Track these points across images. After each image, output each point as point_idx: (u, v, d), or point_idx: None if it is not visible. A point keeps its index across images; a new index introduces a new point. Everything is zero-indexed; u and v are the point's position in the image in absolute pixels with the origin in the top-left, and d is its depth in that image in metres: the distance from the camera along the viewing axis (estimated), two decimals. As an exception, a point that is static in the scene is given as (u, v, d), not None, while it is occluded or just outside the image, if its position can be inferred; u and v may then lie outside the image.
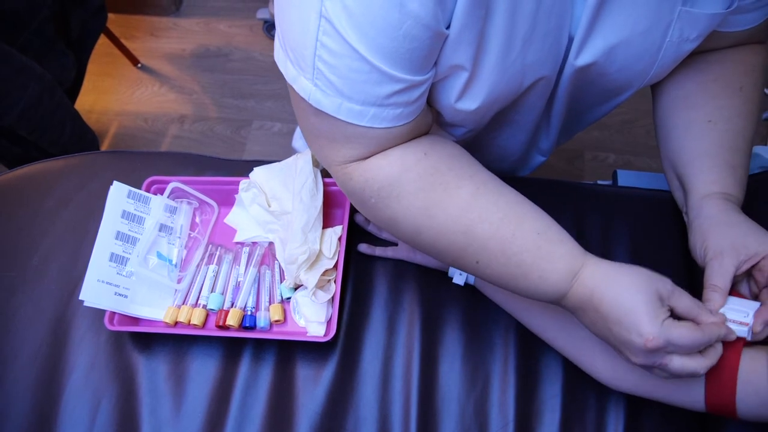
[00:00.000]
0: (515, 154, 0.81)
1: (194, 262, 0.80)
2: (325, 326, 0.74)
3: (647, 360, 0.51)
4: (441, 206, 0.56)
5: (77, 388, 0.76)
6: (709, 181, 0.63)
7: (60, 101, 1.45)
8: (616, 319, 0.51)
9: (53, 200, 0.88)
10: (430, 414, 0.72)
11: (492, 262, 0.56)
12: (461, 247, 0.57)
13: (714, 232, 0.60)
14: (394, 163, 0.56)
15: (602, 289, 0.53)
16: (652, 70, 0.60)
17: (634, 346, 0.50)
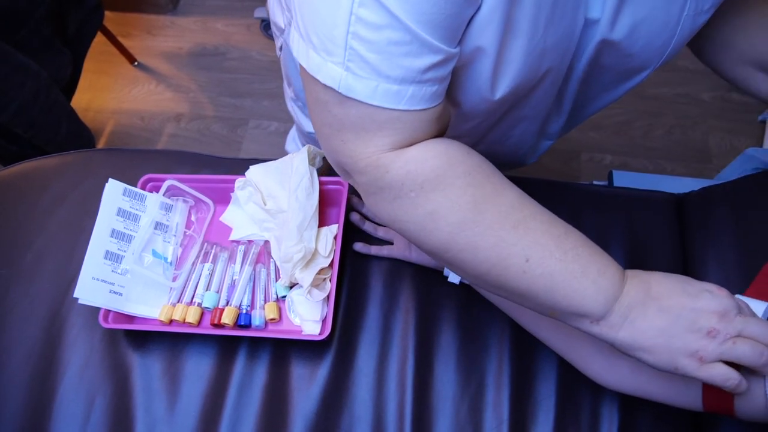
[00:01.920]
0: (526, 145, 0.81)
1: (189, 260, 0.80)
2: (320, 325, 0.74)
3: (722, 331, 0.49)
4: (491, 202, 0.53)
5: (71, 386, 0.76)
6: None
7: (56, 99, 1.44)
8: (681, 291, 0.51)
9: (48, 198, 0.88)
10: (425, 413, 0.72)
11: (546, 259, 0.51)
12: (511, 243, 0.52)
13: None
14: (440, 156, 0.53)
15: (659, 277, 0.52)
16: (670, 46, 0.60)
17: (708, 310, 0.49)
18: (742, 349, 0.49)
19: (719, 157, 1.75)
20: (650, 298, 0.51)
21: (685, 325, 0.50)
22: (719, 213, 0.80)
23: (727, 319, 0.49)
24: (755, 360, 0.49)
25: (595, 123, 1.82)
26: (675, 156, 1.76)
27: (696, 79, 1.88)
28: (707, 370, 0.49)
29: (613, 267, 0.52)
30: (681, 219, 0.83)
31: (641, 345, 0.51)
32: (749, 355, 0.49)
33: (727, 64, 0.69)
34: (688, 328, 0.49)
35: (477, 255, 0.53)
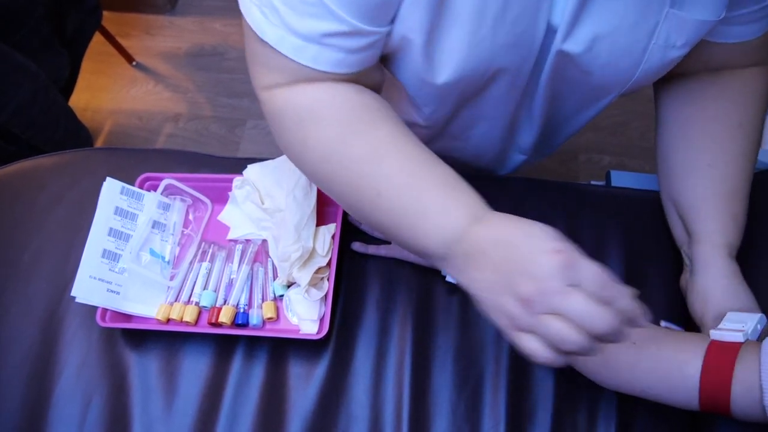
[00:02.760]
0: (491, 151, 0.81)
1: (187, 259, 0.80)
2: (317, 324, 0.74)
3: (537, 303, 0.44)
4: (359, 136, 0.55)
5: (68, 385, 0.76)
6: (715, 233, 0.67)
7: (54, 99, 1.44)
8: (524, 236, 0.47)
9: (46, 196, 0.88)
10: (422, 412, 0.72)
11: (395, 195, 0.53)
12: (369, 176, 0.54)
13: (715, 301, 0.65)
14: (322, 90, 0.56)
15: (507, 229, 0.49)
16: (637, 72, 0.59)
17: (532, 276, 0.44)
18: (549, 327, 0.44)
19: (717, 158, 1.75)
20: (490, 249, 0.48)
21: (506, 287, 0.46)
22: (716, 213, 0.80)
23: (548, 292, 0.43)
24: (559, 344, 0.44)
25: (592, 124, 1.81)
26: (672, 157, 1.76)
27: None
28: (518, 338, 0.46)
29: (462, 209, 0.52)
30: (678, 219, 0.84)
31: (473, 293, 0.50)
32: (553, 337, 0.43)
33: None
34: (508, 291, 0.46)
35: (337, 187, 0.57)
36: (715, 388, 0.54)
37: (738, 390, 0.53)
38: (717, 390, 0.54)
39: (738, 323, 0.60)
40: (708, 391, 0.55)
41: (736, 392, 0.53)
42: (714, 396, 0.55)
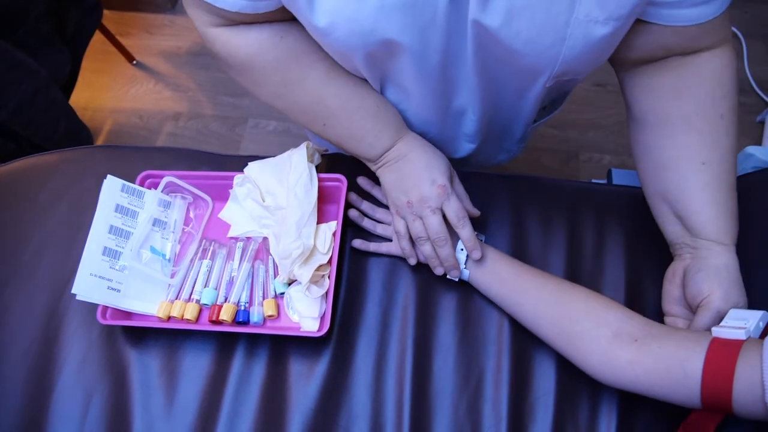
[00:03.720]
0: (435, 135, 0.80)
1: (188, 256, 0.80)
2: (318, 321, 0.74)
3: (414, 208, 0.71)
4: (297, 82, 0.67)
5: (69, 382, 0.76)
6: (720, 230, 0.68)
7: (54, 98, 1.44)
8: (422, 165, 0.71)
9: (46, 194, 0.88)
10: (423, 410, 0.72)
11: (338, 127, 0.71)
12: (314, 112, 0.70)
13: (720, 289, 0.65)
14: (251, 45, 0.64)
15: (421, 146, 0.73)
16: (562, 49, 0.58)
17: (423, 190, 0.70)
18: (414, 223, 0.72)
19: (717, 157, 1.75)
20: (401, 161, 0.72)
21: (402, 189, 0.72)
22: (717, 211, 0.80)
23: (423, 206, 0.70)
24: (415, 236, 0.73)
25: (593, 123, 1.82)
26: (673, 156, 1.76)
27: (694, 79, 1.88)
28: (396, 220, 0.74)
29: (388, 131, 0.72)
30: (679, 217, 0.84)
31: (384, 186, 0.75)
32: (413, 230, 0.72)
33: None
34: (402, 191, 0.72)
35: (292, 116, 0.73)
36: (717, 385, 0.54)
37: (740, 387, 0.53)
38: (719, 387, 0.54)
39: (740, 320, 0.60)
40: (710, 388, 0.55)
41: (738, 389, 0.53)
42: (716, 393, 0.55)
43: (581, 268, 0.80)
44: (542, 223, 0.82)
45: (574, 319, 0.65)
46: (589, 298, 0.67)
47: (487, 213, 0.83)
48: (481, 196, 0.84)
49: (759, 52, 1.90)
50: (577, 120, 1.84)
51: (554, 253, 0.81)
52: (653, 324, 0.63)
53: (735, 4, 1.96)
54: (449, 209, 0.70)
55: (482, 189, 0.85)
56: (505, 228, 0.82)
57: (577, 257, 0.80)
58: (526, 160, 1.79)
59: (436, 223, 0.70)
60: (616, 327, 0.63)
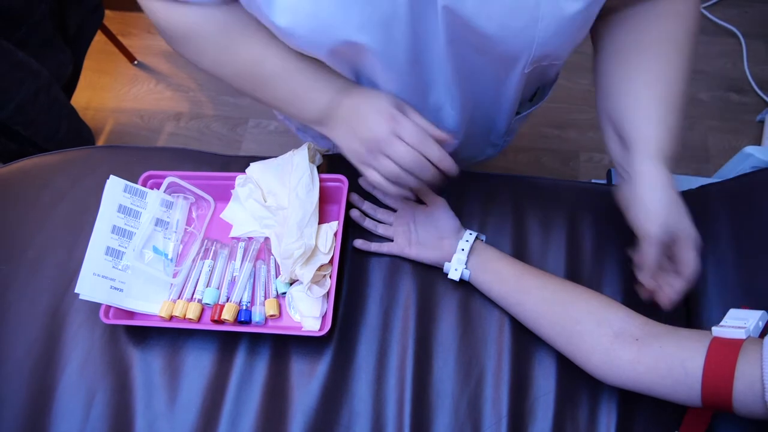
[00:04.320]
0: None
1: (190, 256, 0.81)
2: (320, 321, 0.74)
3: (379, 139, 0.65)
4: (239, 47, 0.67)
5: (72, 381, 0.76)
6: (652, 140, 0.65)
7: (56, 97, 1.44)
8: (368, 106, 0.66)
9: (49, 194, 0.88)
10: (424, 409, 0.72)
11: (279, 86, 0.69)
12: (256, 74, 0.69)
13: (656, 212, 0.63)
14: (193, 15, 0.65)
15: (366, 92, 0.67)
16: (536, 32, 0.57)
17: (373, 124, 0.65)
18: (381, 164, 0.66)
19: (718, 156, 1.76)
20: (346, 112, 0.68)
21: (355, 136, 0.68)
22: (717, 211, 0.81)
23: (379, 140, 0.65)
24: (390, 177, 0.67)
25: (593, 123, 1.83)
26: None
27: (694, 79, 1.88)
28: (365, 170, 0.69)
29: (328, 88, 0.68)
30: (679, 217, 0.84)
31: (337, 143, 0.71)
32: (384, 171, 0.67)
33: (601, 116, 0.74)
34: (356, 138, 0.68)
35: (234, 83, 0.72)
36: (717, 384, 0.55)
37: (740, 386, 0.53)
38: (719, 386, 0.54)
39: (740, 320, 0.60)
40: (710, 387, 0.55)
41: (738, 388, 0.53)
42: (716, 392, 0.55)
43: (581, 268, 0.80)
44: (542, 223, 0.83)
45: (575, 318, 0.66)
46: (590, 297, 0.67)
47: (488, 213, 0.84)
48: (482, 196, 0.85)
49: (759, 52, 1.91)
50: (578, 120, 1.84)
51: (554, 252, 0.81)
52: (654, 323, 0.63)
53: (735, 4, 1.97)
54: (405, 134, 0.65)
55: (482, 189, 0.86)
56: (505, 228, 0.83)
57: (577, 257, 0.81)
58: (526, 161, 1.79)
59: (402, 150, 0.65)
60: (617, 327, 0.63)
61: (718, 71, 1.89)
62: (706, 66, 1.90)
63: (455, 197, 0.81)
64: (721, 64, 1.90)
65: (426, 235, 0.78)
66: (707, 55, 1.92)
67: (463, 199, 0.84)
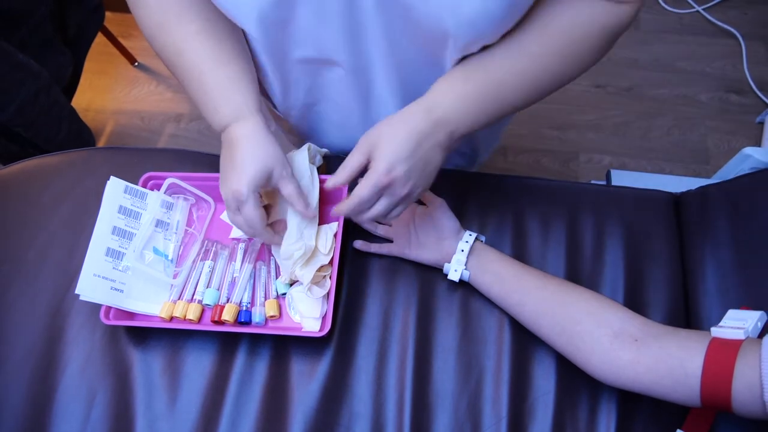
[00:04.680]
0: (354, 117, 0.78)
1: (190, 257, 0.81)
2: (320, 322, 0.75)
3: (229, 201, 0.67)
4: (172, 28, 0.67)
5: (72, 382, 0.76)
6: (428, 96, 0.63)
7: (56, 99, 1.45)
8: (238, 166, 0.65)
9: (49, 195, 0.89)
10: (424, 409, 0.73)
11: (190, 84, 0.68)
12: (174, 62, 0.68)
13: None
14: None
15: (246, 139, 0.66)
16: (460, 8, 0.54)
17: (225, 190, 0.67)
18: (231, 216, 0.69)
19: (717, 158, 1.76)
20: (227, 145, 0.68)
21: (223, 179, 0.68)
22: (716, 211, 0.81)
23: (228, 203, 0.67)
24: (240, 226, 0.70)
25: (593, 124, 1.83)
26: (673, 157, 1.76)
27: (694, 80, 1.89)
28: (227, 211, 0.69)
29: (228, 108, 0.67)
30: (678, 217, 0.84)
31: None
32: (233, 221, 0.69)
33: None
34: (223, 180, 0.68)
35: (163, 61, 0.71)
36: (716, 384, 0.55)
37: (739, 386, 0.53)
38: (718, 386, 0.55)
39: (739, 320, 0.60)
40: (709, 387, 0.55)
41: (737, 388, 0.54)
42: (715, 392, 0.55)
43: (581, 269, 0.80)
44: (542, 224, 0.83)
45: (575, 319, 0.66)
46: (590, 298, 0.67)
47: (488, 214, 0.84)
48: (482, 197, 0.85)
49: (758, 54, 1.91)
50: (577, 121, 1.84)
51: (554, 253, 0.81)
52: (653, 324, 0.63)
53: (734, 5, 1.98)
54: (239, 220, 0.69)
55: (482, 190, 0.86)
56: (505, 229, 0.83)
57: (576, 258, 0.81)
58: (526, 162, 1.79)
59: (240, 221, 0.69)
60: (617, 327, 0.63)
61: (718, 72, 1.90)
62: (705, 67, 1.91)
63: (455, 198, 0.81)
64: (721, 66, 1.91)
65: (426, 236, 0.78)
66: (707, 56, 1.93)
67: (462, 199, 0.84)
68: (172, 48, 0.68)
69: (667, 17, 2.01)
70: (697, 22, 1.99)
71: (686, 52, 1.94)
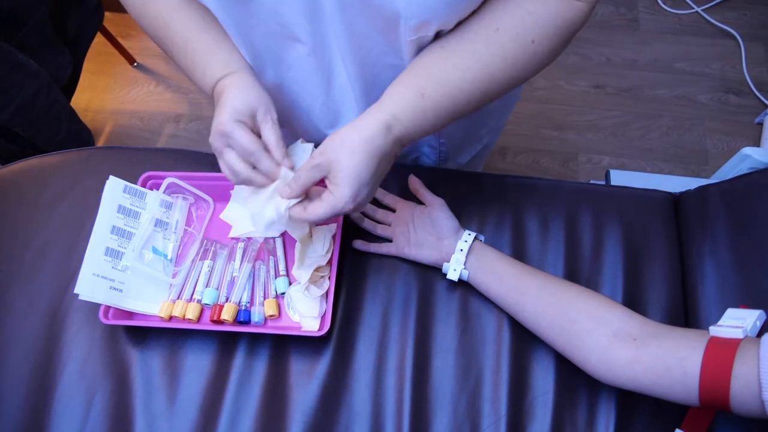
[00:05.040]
0: (317, 103, 0.78)
1: (189, 257, 0.81)
2: (319, 321, 0.75)
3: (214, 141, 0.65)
4: (153, 4, 0.68)
5: (71, 381, 0.76)
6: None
7: (56, 99, 1.45)
8: (222, 103, 0.64)
9: (49, 195, 0.89)
10: (423, 409, 0.73)
11: (179, 53, 0.70)
12: (162, 36, 0.70)
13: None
14: None
15: (234, 84, 0.65)
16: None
17: (214, 128, 0.64)
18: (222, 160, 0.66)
19: (716, 158, 1.76)
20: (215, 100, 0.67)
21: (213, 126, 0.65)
22: (715, 211, 0.81)
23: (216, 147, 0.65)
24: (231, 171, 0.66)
25: (592, 125, 1.83)
26: (672, 158, 1.77)
27: (693, 81, 1.89)
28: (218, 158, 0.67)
29: (215, 70, 0.67)
30: (678, 217, 0.84)
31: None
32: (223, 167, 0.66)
33: None
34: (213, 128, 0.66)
35: (152, 39, 0.72)
36: (715, 383, 0.55)
37: (737, 385, 0.53)
38: (717, 385, 0.55)
39: (737, 319, 0.60)
40: (708, 386, 0.55)
41: (735, 387, 0.54)
42: (714, 391, 0.55)
43: (580, 268, 0.80)
44: (541, 224, 0.83)
45: (574, 318, 0.66)
46: (589, 297, 0.67)
47: (487, 213, 0.84)
48: (481, 197, 0.85)
49: (757, 54, 1.91)
50: (576, 122, 1.84)
51: (553, 253, 0.81)
52: (652, 323, 0.63)
53: (733, 6, 1.98)
54: (237, 145, 0.65)
55: (481, 189, 0.86)
56: (504, 228, 0.83)
57: (575, 257, 0.81)
58: (525, 162, 1.79)
59: (230, 159, 0.65)
60: (616, 326, 0.63)
61: (717, 73, 1.90)
62: (704, 68, 1.91)
63: (454, 198, 0.81)
64: (720, 66, 1.91)
65: (425, 236, 0.78)
66: (706, 57, 1.93)
67: (461, 199, 0.84)
68: (159, 22, 0.69)
69: (667, 18, 2.01)
70: (697, 23, 1.99)
71: (685, 53, 1.94)
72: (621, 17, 2.02)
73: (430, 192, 0.79)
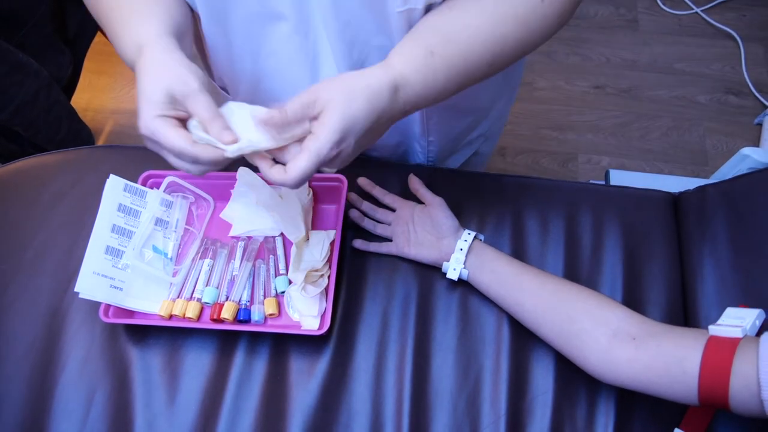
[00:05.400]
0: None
1: (189, 255, 0.81)
2: (319, 320, 0.75)
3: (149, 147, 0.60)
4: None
5: (72, 380, 0.76)
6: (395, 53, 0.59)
7: (56, 98, 1.45)
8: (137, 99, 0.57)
9: (49, 194, 0.89)
10: (423, 408, 0.73)
11: (100, 15, 0.67)
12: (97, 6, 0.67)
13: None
14: None
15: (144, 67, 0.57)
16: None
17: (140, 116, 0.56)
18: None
19: (715, 159, 1.76)
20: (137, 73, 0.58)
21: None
22: (715, 211, 0.81)
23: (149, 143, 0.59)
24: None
25: (592, 125, 1.83)
26: (672, 158, 1.77)
27: (693, 81, 1.89)
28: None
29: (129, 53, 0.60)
30: (677, 217, 0.84)
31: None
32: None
33: None
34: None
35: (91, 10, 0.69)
36: (714, 382, 0.55)
37: (736, 384, 0.54)
38: (716, 384, 0.55)
39: (737, 319, 0.61)
40: (707, 385, 0.56)
41: (734, 386, 0.54)
42: (713, 390, 0.55)
43: (580, 268, 0.80)
44: (541, 224, 0.83)
45: (574, 318, 0.66)
46: (589, 297, 0.68)
47: (486, 213, 0.84)
48: (480, 197, 0.85)
49: (757, 55, 1.91)
50: (576, 122, 1.84)
51: (553, 252, 0.81)
52: (651, 322, 0.63)
53: (733, 7, 1.98)
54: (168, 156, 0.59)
55: (481, 189, 0.86)
56: (504, 228, 0.83)
57: (575, 257, 0.81)
58: (525, 163, 1.79)
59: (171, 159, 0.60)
60: (615, 326, 0.63)
61: (717, 74, 1.90)
62: (704, 69, 1.91)
63: (454, 197, 0.81)
64: (720, 67, 1.91)
65: (424, 235, 0.78)
66: (706, 57, 1.93)
67: (461, 199, 0.84)
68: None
69: (666, 19, 2.01)
70: (696, 24, 1.99)
71: (685, 54, 1.94)
72: (621, 18, 2.02)
73: (430, 191, 0.79)
